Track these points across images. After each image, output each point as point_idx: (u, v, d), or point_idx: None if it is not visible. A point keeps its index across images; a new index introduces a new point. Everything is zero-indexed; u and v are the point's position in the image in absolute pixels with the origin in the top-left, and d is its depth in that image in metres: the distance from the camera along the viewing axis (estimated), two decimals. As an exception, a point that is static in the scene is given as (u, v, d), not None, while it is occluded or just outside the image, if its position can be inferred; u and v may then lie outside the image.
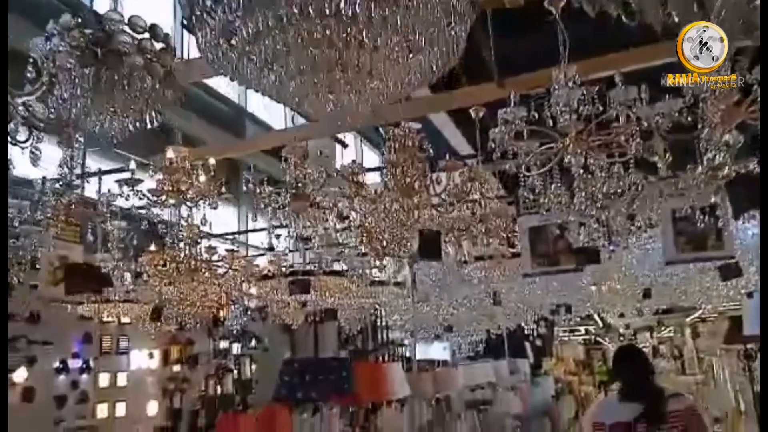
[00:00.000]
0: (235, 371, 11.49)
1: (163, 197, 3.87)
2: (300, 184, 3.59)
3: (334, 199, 3.76)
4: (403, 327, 11.34)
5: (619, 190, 3.15)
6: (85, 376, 8.71)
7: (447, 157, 4.31)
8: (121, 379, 9.32)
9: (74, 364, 8.57)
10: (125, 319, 9.34)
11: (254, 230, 10.63)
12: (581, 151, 2.89)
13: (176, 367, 10.24)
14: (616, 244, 5.08)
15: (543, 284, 6.66)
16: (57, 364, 8.29)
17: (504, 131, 2.91)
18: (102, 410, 8.84)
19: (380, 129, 6.80)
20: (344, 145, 12.31)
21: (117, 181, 3.82)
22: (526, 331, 12.77)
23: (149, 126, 2.34)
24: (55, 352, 8.21)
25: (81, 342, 8.75)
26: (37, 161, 2.03)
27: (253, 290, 5.81)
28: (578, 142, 2.89)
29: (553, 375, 12.52)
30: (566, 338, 16.57)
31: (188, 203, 3.98)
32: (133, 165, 3.87)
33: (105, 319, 9.33)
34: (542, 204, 3.40)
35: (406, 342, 14.24)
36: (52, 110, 2.06)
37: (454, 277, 6.88)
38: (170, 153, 3.82)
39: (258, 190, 4.00)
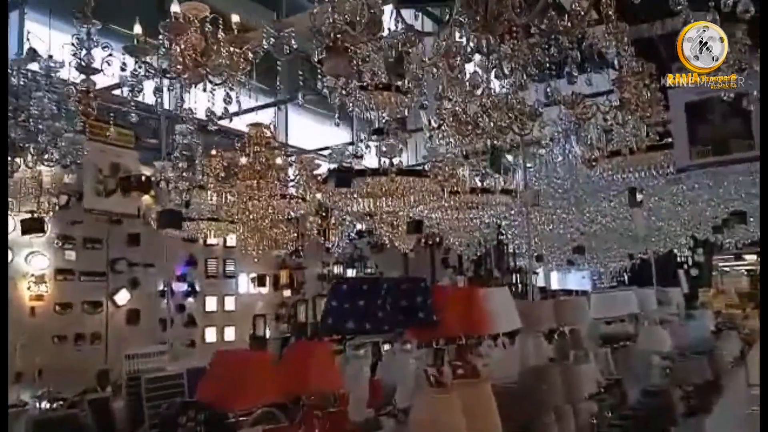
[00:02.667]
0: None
1: (174, 65, 2.96)
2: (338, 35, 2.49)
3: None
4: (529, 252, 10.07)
5: None
6: (191, 299, 8.50)
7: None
8: (229, 304, 9.05)
9: (179, 287, 8.35)
10: (231, 242, 9.08)
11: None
12: None
13: (286, 293, 9.84)
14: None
15: (704, 184, 5.06)
16: (161, 287, 8.08)
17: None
18: (210, 334, 8.62)
19: None
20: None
21: (124, 47, 2.98)
22: (679, 258, 11.00)
23: None
24: (158, 275, 7.99)
25: (185, 265, 8.51)
26: None
27: (319, 196, 4.89)
28: None
29: (711, 308, 10.63)
30: (727, 268, 14.33)
31: (211, 77, 3.05)
32: (138, 29, 2.99)
33: (209, 242, 9.11)
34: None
35: (538, 270, 12.94)
36: None
37: (583, 185, 5.52)
38: (175, 6, 2.89)
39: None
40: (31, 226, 3.93)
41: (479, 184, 4.58)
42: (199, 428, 2.71)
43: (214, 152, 4.64)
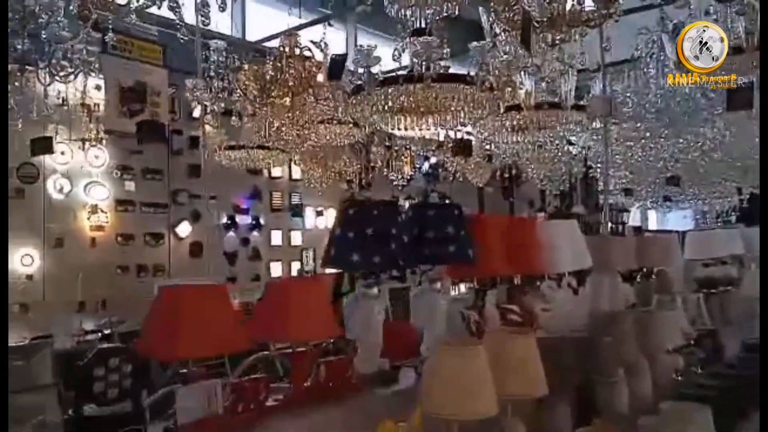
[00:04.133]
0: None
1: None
2: None
3: None
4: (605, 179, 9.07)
5: None
6: (255, 233, 8.30)
7: None
8: (296, 238, 8.81)
9: (243, 220, 8.16)
10: (297, 175, 8.75)
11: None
12: None
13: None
14: None
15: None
16: (225, 219, 7.91)
17: None
18: (276, 269, 8.44)
19: None
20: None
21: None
22: (798, 195, 9.65)
23: None
24: (221, 207, 7.80)
25: (249, 197, 8.28)
26: None
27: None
28: None
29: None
30: None
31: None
32: None
33: (274, 174, 8.82)
34: None
35: (634, 207, 11.85)
36: None
37: (681, 102, 4.65)
38: None
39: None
40: (42, 147, 3.66)
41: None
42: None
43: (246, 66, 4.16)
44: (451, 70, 3.29)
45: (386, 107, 3.24)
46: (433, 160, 10.01)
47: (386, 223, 2.33)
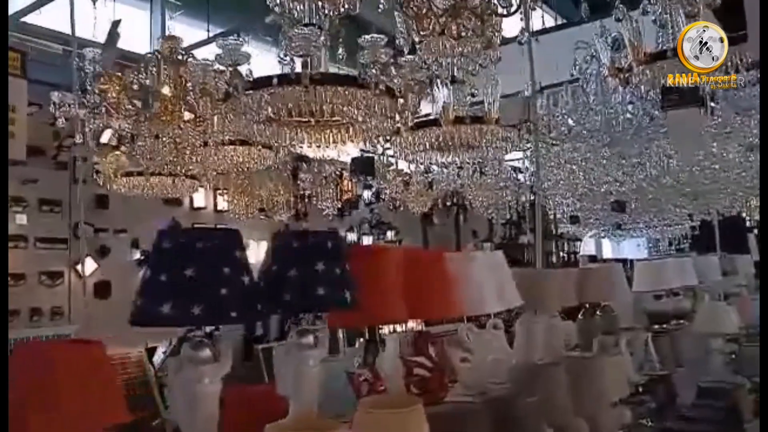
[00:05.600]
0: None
1: None
2: None
3: None
4: (569, 214, 8.66)
5: None
6: (177, 269, 7.54)
7: None
8: (222, 275, 8.07)
9: (161, 256, 7.40)
10: (223, 205, 8.07)
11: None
12: None
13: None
14: None
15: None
16: (138, 255, 7.15)
17: None
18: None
19: None
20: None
21: None
22: (749, 222, 9.48)
23: None
24: (132, 242, 7.05)
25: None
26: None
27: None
28: None
29: (789, 279, 9.01)
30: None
31: None
32: None
33: (197, 205, 8.13)
34: None
35: (587, 236, 11.46)
36: None
37: (620, 123, 4.21)
38: None
39: None
40: None
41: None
42: None
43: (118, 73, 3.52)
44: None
45: (261, 117, 2.63)
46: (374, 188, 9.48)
47: (216, 260, 1.69)
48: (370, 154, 5.66)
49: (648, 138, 4.82)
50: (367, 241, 9.85)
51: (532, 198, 8.75)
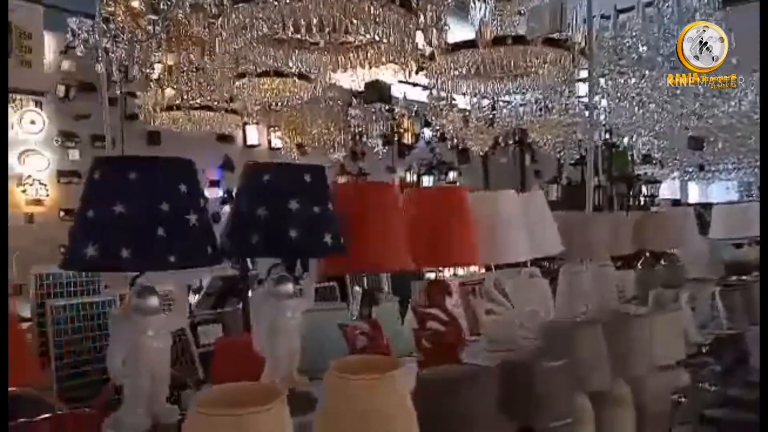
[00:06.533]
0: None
1: None
2: None
3: None
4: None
5: None
6: (227, 207, 7.49)
7: None
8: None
9: (214, 193, 7.36)
10: (276, 143, 7.87)
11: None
12: None
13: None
14: None
15: None
16: (191, 192, 7.10)
17: None
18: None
19: None
20: None
21: None
22: None
23: None
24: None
25: (220, 168, 7.47)
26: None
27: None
28: None
29: None
30: None
31: None
32: None
33: (250, 142, 7.98)
34: None
35: (670, 178, 10.58)
36: None
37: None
38: None
39: None
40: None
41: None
42: None
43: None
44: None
45: (255, 34, 2.31)
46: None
47: (153, 196, 1.43)
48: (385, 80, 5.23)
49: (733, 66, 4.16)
50: (426, 182, 9.48)
51: (606, 137, 8.09)
